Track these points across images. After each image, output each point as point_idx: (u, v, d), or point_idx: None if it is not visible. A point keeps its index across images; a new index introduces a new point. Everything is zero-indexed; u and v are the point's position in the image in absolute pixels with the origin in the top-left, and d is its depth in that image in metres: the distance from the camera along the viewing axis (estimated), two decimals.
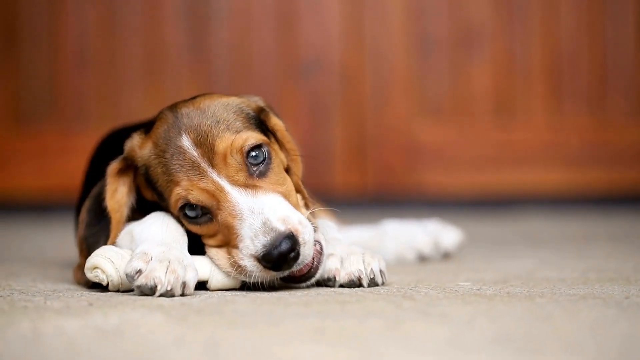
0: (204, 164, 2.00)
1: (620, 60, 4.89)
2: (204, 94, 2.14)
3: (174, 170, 2.02)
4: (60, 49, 4.87)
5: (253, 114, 2.11)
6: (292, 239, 1.93)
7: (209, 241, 2.05)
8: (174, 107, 2.10)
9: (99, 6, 4.88)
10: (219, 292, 2.01)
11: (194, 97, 2.13)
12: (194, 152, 2.01)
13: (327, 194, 4.32)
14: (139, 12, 4.88)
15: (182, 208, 2.02)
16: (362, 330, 1.57)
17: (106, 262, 2.00)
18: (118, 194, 2.14)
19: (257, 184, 2.01)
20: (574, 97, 4.89)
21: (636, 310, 1.75)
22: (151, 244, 1.96)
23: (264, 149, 2.04)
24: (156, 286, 1.90)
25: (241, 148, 2.01)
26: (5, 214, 4.77)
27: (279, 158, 2.10)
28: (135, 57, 4.86)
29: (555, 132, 4.89)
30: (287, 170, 2.14)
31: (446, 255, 2.83)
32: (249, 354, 1.41)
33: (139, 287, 1.91)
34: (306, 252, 1.97)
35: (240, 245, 1.96)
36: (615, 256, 2.85)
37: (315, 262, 2.02)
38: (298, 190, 2.12)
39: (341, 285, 2.06)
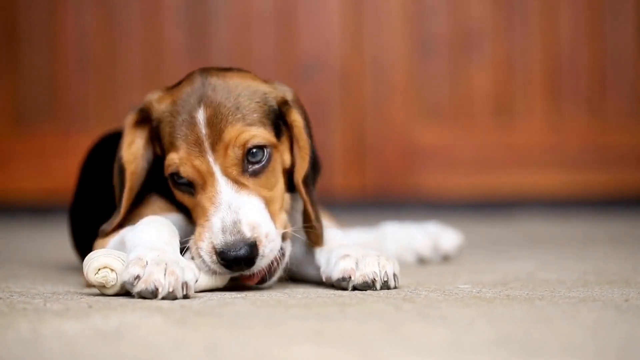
0: (206, 145, 2.02)
1: (620, 62, 4.90)
2: (239, 69, 2.14)
3: (178, 136, 2.04)
4: (60, 51, 4.87)
5: (275, 107, 2.10)
6: (252, 248, 1.97)
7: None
8: (205, 72, 2.10)
9: (98, 8, 4.88)
10: (219, 294, 2.01)
11: (229, 69, 2.13)
12: (202, 130, 2.02)
13: (327, 196, 4.32)
14: (139, 14, 4.88)
15: (172, 174, 2.05)
16: (361, 333, 1.57)
17: (116, 261, 1.97)
18: (134, 146, 2.15)
19: (246, 183, 2.03)
20: (573, 99, 4.90)
21: (635, 313, 1.75)
22: (144, 248, 1.94)
23: (266, 150, 2.05)
24: (157, 289, 1.88)
25: (244, 143, 2.02)
26: (5, 216, 4.77)
27: (280, 159, 2.10)
28: (134, 58, 4.86)
29: (555, 134, 4.89)
30: (292, 168, 2.13)
31: (446, 258, 2.83)
32: (249, 356, 1.41)
33: (139, 293, 1.88)
34: (261, 264, 2.00)
35: (207, 233, 1.99)
36: (614, 258, 2.85)
37: (272, 267, 2.05)
38: (298, 190, 2.13)
39: (354, 287, 2.05)
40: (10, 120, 4.88)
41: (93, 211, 2.37)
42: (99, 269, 1.98)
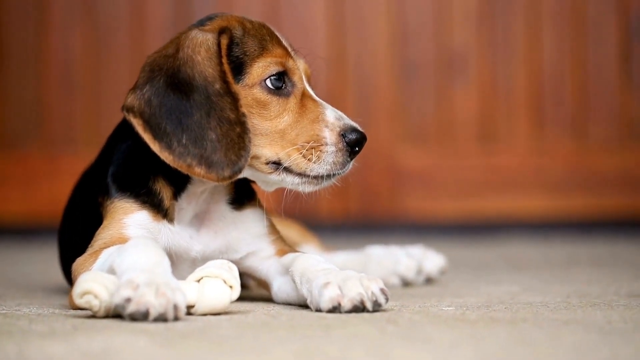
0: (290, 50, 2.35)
1: (603, 86, 4.93)
2: None
3: (271, 44, 2.31)
4: (47, 72, 4.87)
5: None
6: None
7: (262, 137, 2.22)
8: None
9: (84, 29, 4.89)
10: (204, 317, 2.01)
11: None
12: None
13: (312, 220, 4.33)
14: (125, 35, 4.89)
15: (272, 75, 2.25)
16: (346, 355, 1.58)
17: (100, 287, 1.96)
18: None
19: None
20: (557, 123, 4.93)
21: (618, 336, 1.76)
22: (135, 271, 1.93)
23: None
24: (148, 311, 1.88)
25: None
26: None
27: None
28: (121, 79, 4.87)
29: (538, 157, 4.92)
30: None
31: (430, 280, 2.84)
32: None
33: (130, 315, 1.86)
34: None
35: (321, 125, 2.25)
36: (597, 281, 2.87)
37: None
38: None
39: (347, 312, 2.04)
40: None
41: (80, 233, 2.37)
42: (84, 294, 1.97)
